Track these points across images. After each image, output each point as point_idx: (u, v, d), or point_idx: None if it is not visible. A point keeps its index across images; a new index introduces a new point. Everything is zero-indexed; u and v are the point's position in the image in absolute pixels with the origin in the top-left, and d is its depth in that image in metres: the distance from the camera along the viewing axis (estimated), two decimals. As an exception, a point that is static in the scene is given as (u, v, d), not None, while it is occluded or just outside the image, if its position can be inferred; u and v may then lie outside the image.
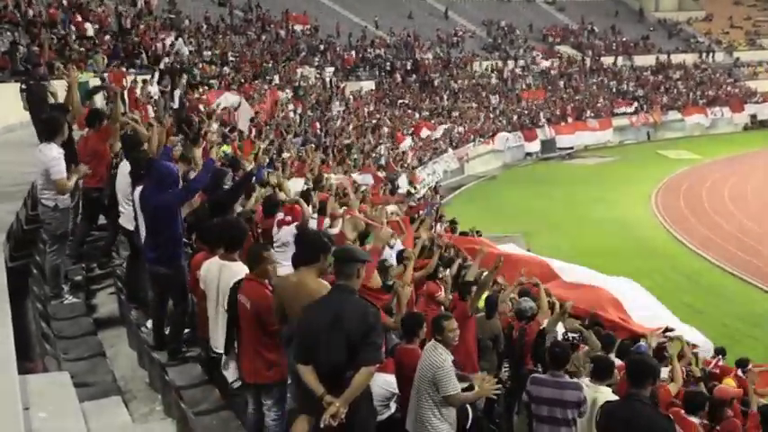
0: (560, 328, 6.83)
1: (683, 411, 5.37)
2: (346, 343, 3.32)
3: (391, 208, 9.73)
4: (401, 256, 6.36)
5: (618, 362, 6.19)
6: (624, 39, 45.07)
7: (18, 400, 2.54)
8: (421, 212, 16.86)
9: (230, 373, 4.19)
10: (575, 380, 4.64)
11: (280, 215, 6.35)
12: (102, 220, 6.96)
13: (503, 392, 6.19)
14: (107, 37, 18.31)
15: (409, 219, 9.78)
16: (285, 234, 6.07)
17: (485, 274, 6.63)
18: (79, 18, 17.80)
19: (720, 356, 9.29)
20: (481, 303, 6.47)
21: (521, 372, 5.72)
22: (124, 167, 5.78)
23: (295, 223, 6.07)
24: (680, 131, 40.08)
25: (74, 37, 16.80)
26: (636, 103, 39.21)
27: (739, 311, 14.91)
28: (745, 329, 13.77)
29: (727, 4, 50.54)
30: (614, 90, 40.45)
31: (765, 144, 35.47)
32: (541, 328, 6.24)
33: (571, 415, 4.41)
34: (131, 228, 5.64)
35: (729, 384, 7.64)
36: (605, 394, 4.55)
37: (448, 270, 7.43)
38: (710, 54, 45.57)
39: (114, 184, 6.04)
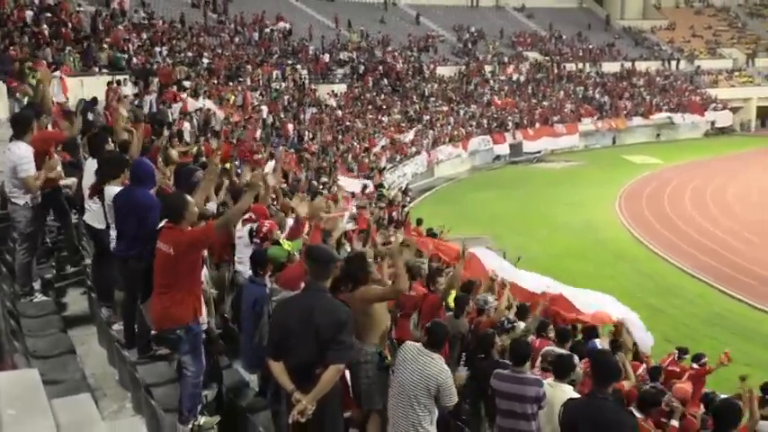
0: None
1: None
2: (316, 339, 3.38)
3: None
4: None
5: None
6: (591, 46, 46.10)
7: (-14, 396, 2.56)
8: (393, 214, 17.14)
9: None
10: (535, 376, 4.75)
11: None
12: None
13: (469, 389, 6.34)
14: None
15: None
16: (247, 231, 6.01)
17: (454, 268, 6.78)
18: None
19: (676, 355, 9.50)
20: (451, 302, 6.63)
21: (476, 366, 5.76)
22: (90, 165, 5.72)
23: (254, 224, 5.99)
24: (644, 136, 41.29)
25: (47, 34, 16.47)
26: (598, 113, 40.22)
27: (698, 312, 15.29)
28: (704, 329, 14.09)
29: (689, 14, 52.24)
30: (581, 96, 41.41)
31: (724, 150, 36.81)
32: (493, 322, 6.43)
33: (530, 410, 4.50)
34: (99, 226, 5.57)
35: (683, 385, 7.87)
36: (567, 393, 4.64)
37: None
38: (673, 62, 46.96)
39: (81, 182, 5.96)
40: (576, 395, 4.67)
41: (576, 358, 5.71)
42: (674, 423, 5.73)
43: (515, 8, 48.61)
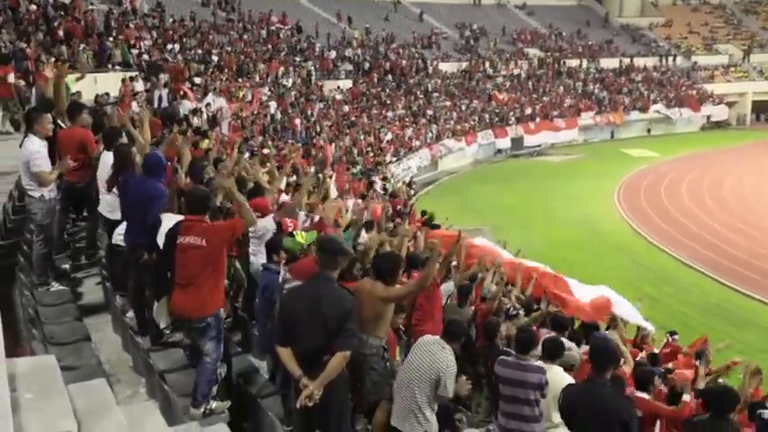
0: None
1: (633, 389, 5.69)
2: (324, 327, 3.51)
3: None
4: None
5: (568, 343, 6.59)
6: (590, 42, 46.39)
7: (5, 381, 2.59)
8: (398, 207, 17.41)
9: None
10: (538, 363, 4.80)
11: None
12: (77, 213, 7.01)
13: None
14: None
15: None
16: (261, 226, 6.02)
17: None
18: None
19: (670, 336, 9.78)
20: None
21: (473, 351, 5.85)
22: (106, 158, 5.82)
23: (271, 215, 6.09)
24: (642, 131, 41.63)
25: (62, 33, 16.67)
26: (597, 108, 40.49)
27: (695, 301, 15.60)
28: (701, 318, 14.41)
29: (686, 11, 52.47)
30: (580, 91, 41.66)
31: (720, 143, 37.20)
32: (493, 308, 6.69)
33: (533, 396, 4.59)
34: (113, 217, 5.72)
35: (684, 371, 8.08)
36: (558, 374, 4.80)
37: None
38: (670, 58, 47.22)
39: (96, 175, 6.07)
40: (568, 376, 4.89)
41: (572, 344, 5.91)
42: (686, 398, 5.84)
43: (516, 6, 48.81)
